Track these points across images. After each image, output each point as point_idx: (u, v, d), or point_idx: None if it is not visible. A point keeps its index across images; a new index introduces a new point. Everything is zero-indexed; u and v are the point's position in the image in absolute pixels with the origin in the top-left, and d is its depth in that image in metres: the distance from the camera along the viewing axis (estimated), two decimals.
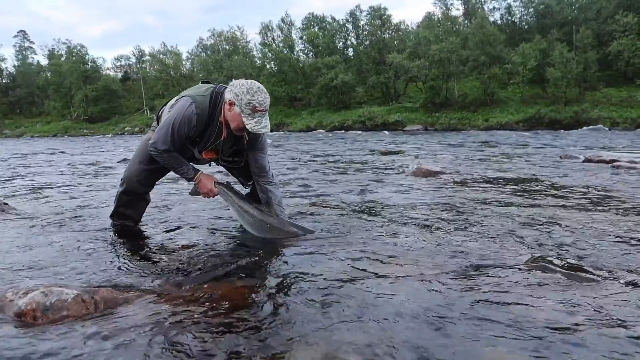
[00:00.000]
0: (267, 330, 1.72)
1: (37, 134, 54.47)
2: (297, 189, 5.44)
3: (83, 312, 1.85)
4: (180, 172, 3.14)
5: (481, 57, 40.65)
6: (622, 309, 1.87)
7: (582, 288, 2.10)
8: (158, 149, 2.98)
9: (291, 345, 1.60)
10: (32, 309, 1.79)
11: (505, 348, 1.57)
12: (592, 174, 6.45)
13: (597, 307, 1.88)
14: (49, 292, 1.87)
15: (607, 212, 3.76)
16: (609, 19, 39.29)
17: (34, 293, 1.86)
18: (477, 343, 1.61)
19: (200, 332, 1.70)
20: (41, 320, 1.77)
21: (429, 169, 6.64)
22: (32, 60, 71.40)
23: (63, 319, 1.79)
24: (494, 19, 51.39)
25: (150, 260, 2.69)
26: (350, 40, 57.49)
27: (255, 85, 2.85)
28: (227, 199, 3.28)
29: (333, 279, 2.25)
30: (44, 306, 1.81)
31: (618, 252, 2.66)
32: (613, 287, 2.11)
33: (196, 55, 65.88)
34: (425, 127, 37.99)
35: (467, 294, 2.04)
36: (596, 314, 1.82)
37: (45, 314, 1.80)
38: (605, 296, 2.00)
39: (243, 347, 1.59)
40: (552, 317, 1.80)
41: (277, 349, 1.58)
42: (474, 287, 2.13)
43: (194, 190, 3.32)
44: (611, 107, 33.85)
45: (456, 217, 3.68)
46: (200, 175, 3.17)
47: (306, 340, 1.63)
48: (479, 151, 12.15)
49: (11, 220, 3.84)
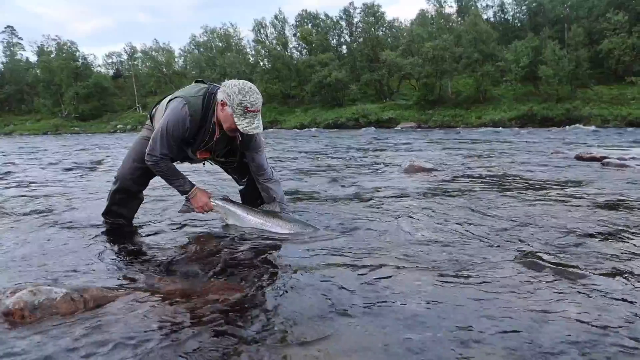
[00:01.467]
0: (262, 328, 1.71)
1: (26, 132, 53.96)
2: (288, 186, 5.43)
3: (72, 311, 1.83)
4: (176, 184, 3.15)
5: (474, 54, 40.80)
6: (609, 303, 1.89)
7: (570, 283, 2.11)
8: (155, 156, 2.98)
9: (286, 343, 1.60)
10: (20, 308, 1.77)
11: (493, 344, 1.58)
12: (582, 170, 6.49)
13: (584, 302, 1.89)
14: (37, 291, 1.85)
15: (596, 208, 3.79)
16: (600, 17, 39.55)
17: (22, 292, 1.84)
18: (465, 338, 1.61)
19: (191, 330, 1.69)
20: (29, 320, 1.75)
21: (421, 165, 6.66)
22: (21, 57, 70.62)
23: (52, 318, 1.77)
24: (487, 16, 51.68)
25: (141, 259, 2.67)
26: (343, 38, 57.54)
27: (247, 86, 2.84)
28: (226, 211, 3.30)
29: (327, 275, 2.24)
30: (32, 305, 1.79)
31: (605, 247, 2.67)
32: (600, 282, 2.12)
33: (189, 52, 65.68)
34: (419, 125, 38.09)
35: (458, 290, 2.05)
36: (583, 308, 1.83)
37: (33, 313, 1.78)
38: (592, 290, 2.01)
39: (236, 345, 1.58)
40: (539, 312, 1.81)
41: (272, 346, 1.58)
42: (463, 282, 2.14)
43: (185, 208, 3.32)
44: (602, 105, 34.12)
45: (447, 213, 3.69)
46: (195, 190, 3.18)
47: (302, 338, 1.63)
48: (471, 148, 12.20)
49: (0, 219, 3.80)
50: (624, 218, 3.44)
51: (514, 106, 37.17)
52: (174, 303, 1.94)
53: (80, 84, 59.24)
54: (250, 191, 3.61)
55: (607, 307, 1.86)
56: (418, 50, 42.26)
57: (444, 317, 1.79)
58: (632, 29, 35.85)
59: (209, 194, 3.26)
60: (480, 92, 40.74)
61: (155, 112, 3.25)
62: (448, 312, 1.84)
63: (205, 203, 3.21)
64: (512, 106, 37.35)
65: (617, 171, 6.31)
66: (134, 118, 55.43)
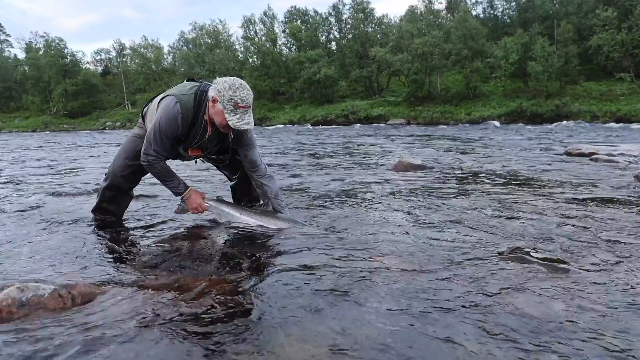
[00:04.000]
0: (252, 324, 1.72)
1: (15, 129, 53.39)
2: (280, 183, 5.43)
3: (60, 307, 1.83)
4: (170, 185, 3.18)
5: (463, 50, 40.85)
6: (597, 297, 1.92)
7: (558, 278, 2.14)
8: (150, 155, 3.00)
9: (275, 338, 1.61)
10: (7, 305, 1.77)
11: (483, 339, 1.60)
12: (570, 166, 6.55)
13: (572, 296, 1.92)
14: (25, 288, 1.85)
15: (582, 203, 3.83)
16: (589, 13, 39.73)
17: (9, 289, 1.84)
18: (455, 334, 1.63)
19: (179, 325, 1.70)
20: (17, 316, 1.75)
21: (410, 162, 6.69)
22: (9, 54, 69.71)
23: (39, 315, 1.77)
24: (477, 12, 51.79)
25: (130, 255, 2.67)
26: (333, 34, 57.36)
27: (237, 82, 2.86)
28: (220, 212, 3.33)
29: (317, 271, 2.26)
30: (20, 302, 1.79)
31: (593, 242, 2.71)
32: (587, 276, 2.15)
33: (178, 49, 65.14)
34: (408, 121, 38.13)
35: (448, 285, 2.07)
36: (572, 302, 1.86)
37: (21, 309, 1.77)
38: (580, 285, 2.04)
39: (224, 341, 1.59)
40: (528, 307, 1.83)
41: (261, 341, 1.59)
42: (453, 277, 2.16)
43: (181, 209, 3.37)
44: (591, 101, 34.35)
45: (436, 210, 3.72)
46: (189, 191, 3.21)
47: (291, 333, 1.64)
48: (459, 145, 12.26)
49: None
50: (608, 212, 3.48)
51: (503, 102, 37.32)
52: (162, 298, 1.94)
53: (69, 81, 58.58)
54: (241, 187, 3.63)
55: (594, 300, 1.89)
56: (407, 46, 42.27)
57: (434, 311, 1.81)
58: (621, 25, 36.02)
59: (202, 195, 3.28)
60: (469, 89, 40.84)
61: (147, 110, 3.25)
62: (438, 305, 1.86)
63: (200, 204, 3.23)
64: (501, 102, 37.49)
65: (605, 167, 6.38)
66: (123, 115, 55.01)
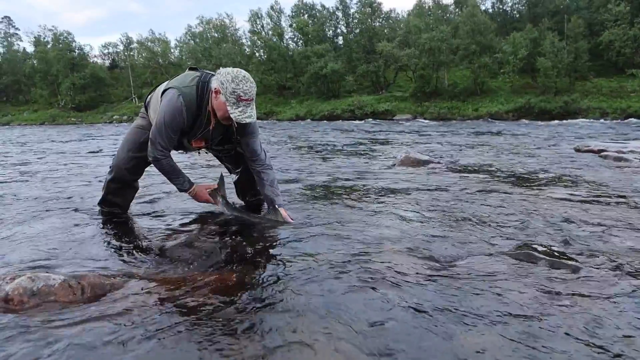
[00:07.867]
0: (259, 319, 1.73)
1: (24, 122, 53.74)
2: (283, 177, 5.44)
3: (70, 298, 1.85)
4: (175, 182, 3.20)
5: (471, 46, 40.57)
6: (604, 294, 1.91)
7: (565, 275, 2.13)
8: (157, 150, 3.00)
9: (282, 336, 1.62)
10: (19, 294, 1.80)
11: (488, 336, 1.60)
12: (579, 163, 6.51)
13: (579, 293, 1.92)
14: (35, 278, 1.87)
15: (591, 200, 3.82)
16: (600, 8, 39.21)
17: (20, 279, 1.87)
18: (459, 331, 1.63)
19: (187, 318, 1.71)
20: (28, 306, 1.77)
21: (417, 157, 6.66)
22: (18, 47, 70.10)
23: (50, 304, 1.79)
24: (485, 7, 51.44)
25: (137, 247, 2.69)
26: (340, 29, 57.20)
27: (240, 74, 2.83)
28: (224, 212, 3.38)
29: (325, 267, 2.26)
30: (31, 291, 1.82)
31: (601, 239, 2.70)
32: (595, 273, 2.14)
33: (185, 43, 65.23)
34: (415, 117, 38.01)
35: (452, 282, 2.07)
36: (578, 300, 1.86)
37: (32, 299, 1.80)
38: (588, 282, 2.04)
39: (232, 335, 1.60)
40: (535, 304, 1.83)
41: (269, 336, 1.60)
42: (458, 274, 2.16)
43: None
44: (601, 98, 33.99)
45: (442, 205, 3.71)
46: (194, 189, 3.23)
47: (300, 329, 1.65)
48: (467, 141, 12.21)
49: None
50: (618, 211, 3.47)
51: (511, 98, 37.08)
52: (169, 290, 1.96)
53: (77, 75, 58.77)
54: (243, 181, 3.64)
55: (601, 301, 1.89)
56: (415, 41, 42.09)
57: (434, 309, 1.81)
58: (634, 20, 35.45)
59: (209, 187, 3.33)
60: (477, 84, 40.60)
61: (150, 100, 3.25)
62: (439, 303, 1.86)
63: (207, 200, 3.29)
64: (509, 98, 37.26)
65: (615, 164, 6.34)
66: (130, 109, 55.13)
